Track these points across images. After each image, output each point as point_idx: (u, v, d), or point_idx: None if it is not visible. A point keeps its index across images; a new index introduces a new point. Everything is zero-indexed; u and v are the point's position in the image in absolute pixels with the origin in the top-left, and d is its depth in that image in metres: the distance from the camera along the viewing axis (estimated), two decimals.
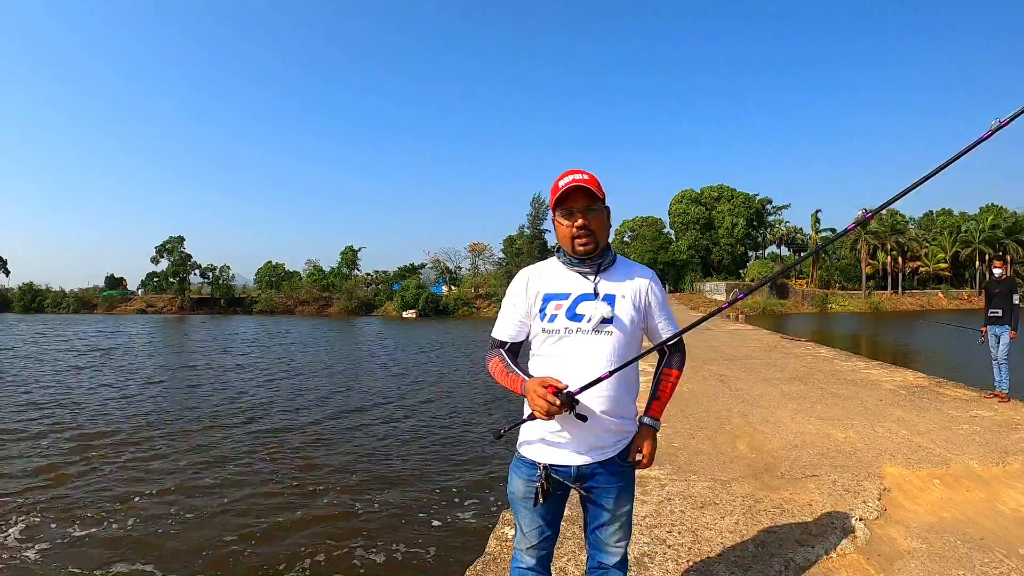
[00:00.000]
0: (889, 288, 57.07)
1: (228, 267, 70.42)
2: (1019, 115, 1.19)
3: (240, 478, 7.02)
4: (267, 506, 6.10)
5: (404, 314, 52.43)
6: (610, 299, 1.65)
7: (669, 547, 2.86)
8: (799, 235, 67.30)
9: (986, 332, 7.04)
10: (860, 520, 3.14)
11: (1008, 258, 53.69)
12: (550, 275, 1.71)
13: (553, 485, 1.66)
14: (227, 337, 30.49)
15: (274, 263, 73.37)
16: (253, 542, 5.23)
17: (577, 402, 1.53)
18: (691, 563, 2.69)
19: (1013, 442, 4.70)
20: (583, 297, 1.65)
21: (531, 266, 1.78)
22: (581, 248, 1.64)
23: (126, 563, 4.86)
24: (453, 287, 60.63)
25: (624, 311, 1.66)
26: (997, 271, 7.14)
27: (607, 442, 1.68)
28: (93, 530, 5.51)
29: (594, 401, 1.62)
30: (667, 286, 70.80)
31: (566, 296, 1.66)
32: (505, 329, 1.74)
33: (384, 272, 67.31)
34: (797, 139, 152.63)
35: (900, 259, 57.54)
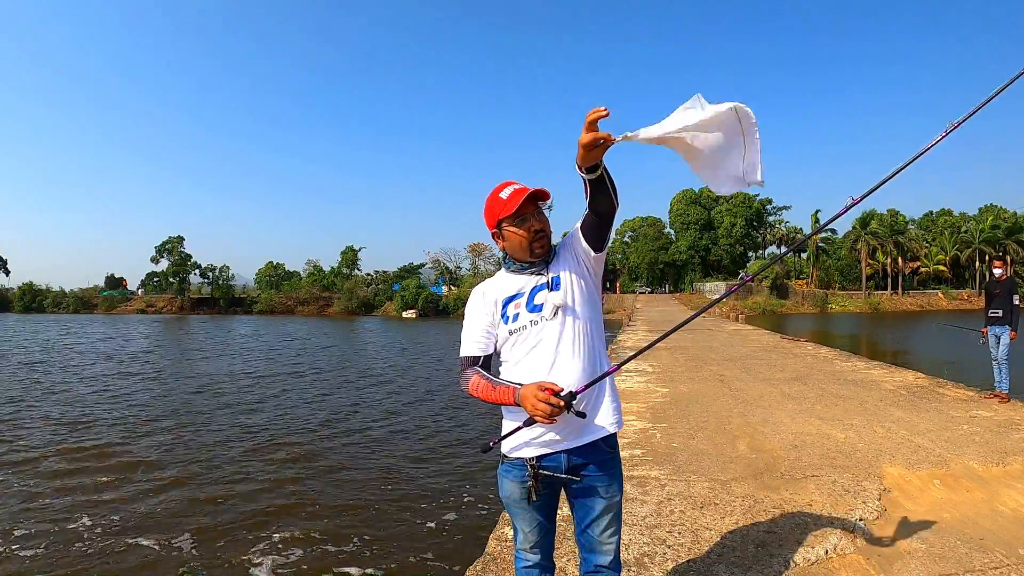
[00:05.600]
0: (889, 288, 57.08)
1: (228, 267, 70.58)
2: (969, 117, 1.34)
3: (238, 476, 7.02)
4: (264, 504, 6.10)
5: (404, 314, 52.46)
6: (556, 281, 1.68)
7: (669, 547, 2.86)
8: (798, 235, 67.31)
9: (986, 332, 7.04)
10: (860, 520, 3.14)
11: (1008, 258, 53.65)
12: (503, 282, 1.75)
13: (543, 482, 1.65)
14: (230, 338, 30.47)
15: (274, 263, 73.50)
16: (250, 540, 5.23)
17: (575, 398, 1.53)
18: (691, 563, 2.69)
19: (1013, 442, 4.70)
20: (537, 288, 1.69)
21: (481, 283, 1.83)
22: (540, 250, 1.67)
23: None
24: (453, 287, 60.60)
25: (570, 285, 1.68)
26: (997, 271, 7.13)
27: (589, 425, 1.66)
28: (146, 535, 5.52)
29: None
30: (667, 286, 70.71)
31: (521, 294, 1.70)
32: (474, 343, 1.74)
33: (384, 272, 67.33)
34: (797, 139, 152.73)
35: (900, 259, 57.54)
